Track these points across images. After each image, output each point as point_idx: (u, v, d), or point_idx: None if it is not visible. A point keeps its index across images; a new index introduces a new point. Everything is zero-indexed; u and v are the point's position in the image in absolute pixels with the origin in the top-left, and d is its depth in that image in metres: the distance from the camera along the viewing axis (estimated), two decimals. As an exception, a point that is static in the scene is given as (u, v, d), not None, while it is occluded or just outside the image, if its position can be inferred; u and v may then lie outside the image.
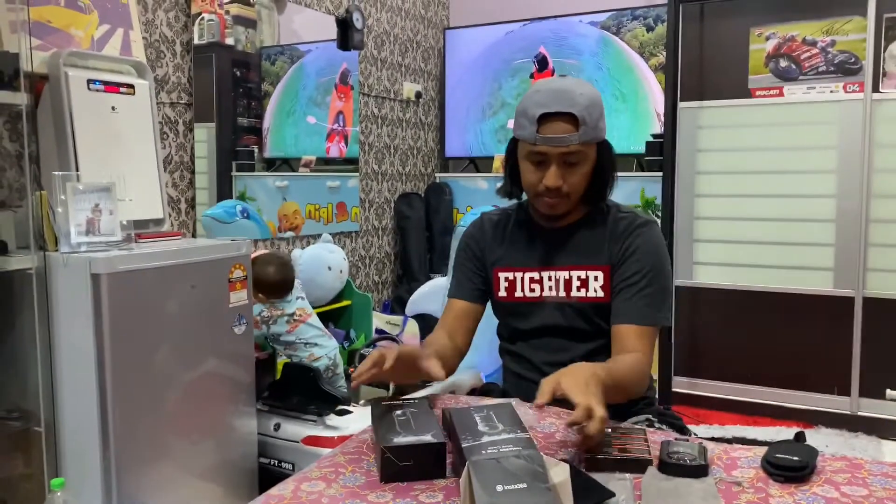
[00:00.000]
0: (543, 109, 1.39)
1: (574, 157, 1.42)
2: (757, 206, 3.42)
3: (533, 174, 1.45)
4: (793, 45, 3.34)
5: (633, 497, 0.99)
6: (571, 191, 1.45)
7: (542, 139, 1.40)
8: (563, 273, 1.51)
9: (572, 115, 1.39)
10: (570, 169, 1.43)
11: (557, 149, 1.40)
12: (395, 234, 4.12)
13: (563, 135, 1.39)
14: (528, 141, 1.43)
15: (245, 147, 3.05)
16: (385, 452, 1.06)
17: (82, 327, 1.84)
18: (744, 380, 3.45)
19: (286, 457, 2.35)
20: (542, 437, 1.22)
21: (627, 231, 1.49)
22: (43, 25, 2.11)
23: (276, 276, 2.59)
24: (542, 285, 1.53)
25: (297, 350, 2.61)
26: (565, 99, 1.39)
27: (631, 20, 3.81)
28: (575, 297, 1.49)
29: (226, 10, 2.87)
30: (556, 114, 1.39)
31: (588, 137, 1.41)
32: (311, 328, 2.65)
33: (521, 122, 1.45)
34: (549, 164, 1.42)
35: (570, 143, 1.39)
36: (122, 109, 2.19)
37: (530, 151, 1.44)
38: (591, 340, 1.51)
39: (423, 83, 4.34)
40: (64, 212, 1.90)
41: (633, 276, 1.46)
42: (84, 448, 1.88)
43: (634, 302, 1.44)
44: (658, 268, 1.47)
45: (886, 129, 3.15)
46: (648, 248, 1.47)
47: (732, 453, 1.15)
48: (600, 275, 1.48)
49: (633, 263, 1.46)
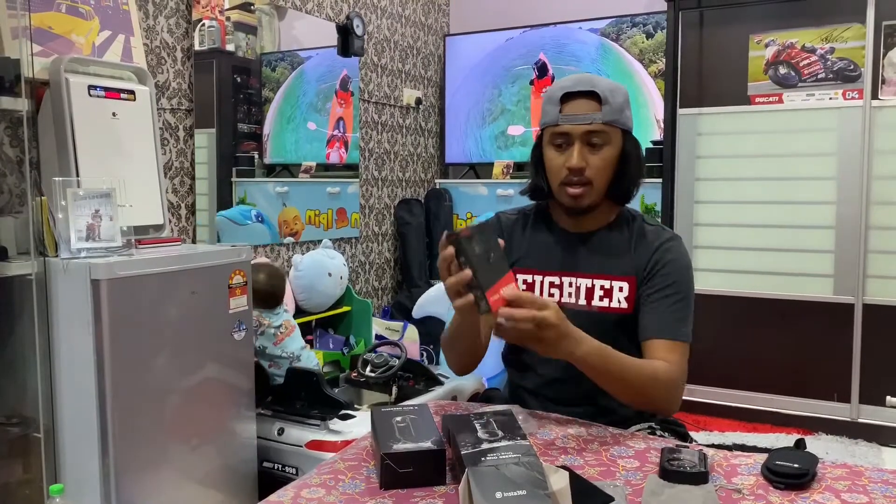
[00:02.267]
0: (566, 89, 1.40)
1: (597, 138, 1.40)
2: (756, 213, 3.43)
3: (556, 158, 1.43)
4: (792, 52, 3.35)
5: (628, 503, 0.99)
6: (594, 176, 1.42)
7: (565, 118, 1.40)
8: (585, 280, 1.47)
9: (595, 93, 1.39)
10: (594, 151, 1.41)
11: (580, 127, 1.39)
12: (395, 240, 4.12)
13: (586, 112, 1.39)
14: (551, 124, 1.42)
15: (245, 153, 3.06)
16: (385, 459, 1.06)
17: (82, 333, 1.84)
18: (744, 386, 3.44)
19: (290, 461, 2.35)
20: (541, 444, 1.22)
21: (656, 244, 1.46)
22: (44, 31, 2.11)
23: (265, 286, 2.59)
24: (561, 290, 1.48)
25: (280, 366, 2.61)
26: (588, 80, 1.41)
27: (630, 27, 3.82)
28: (596, 306, 1.45)
29: (226, 17, 2.88)
30: (579, 93, 1.40)
31: (611, 118, 1.40)
32: (294, 342, 2.66)
33: (545, 109, 1.44)
34: (573, 144, 1.41)
35: (592, 120, 1.39)
36: (122, 115, 2.20)
37: (553, 134, 1.43)
38: None
39: (424, 89, 4.35)
40: (64, 217, 1.90)
41: (663, 289, 1.42)
42: (83, 454, 1.88)
43: (665, 316, 1.40)
44: (686, 284, 1.44)
45: (886, 135, 3.15)
46: (678, 264, 1.44)
47: (732, 460, 1.15)
48: (625, 285, 1.44)
49: (662, 277, 1.43)
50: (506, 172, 4.12)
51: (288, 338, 2.64)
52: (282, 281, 2.72)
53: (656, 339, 1.39)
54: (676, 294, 1.41)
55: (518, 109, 4.15)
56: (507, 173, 4.12)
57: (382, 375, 2.73)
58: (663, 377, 1.33)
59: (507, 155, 4.17)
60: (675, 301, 1.41)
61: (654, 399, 1.35)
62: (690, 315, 1.43)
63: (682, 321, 1.41)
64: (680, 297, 1.42)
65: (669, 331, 1.39)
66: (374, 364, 2.78)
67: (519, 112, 4.14)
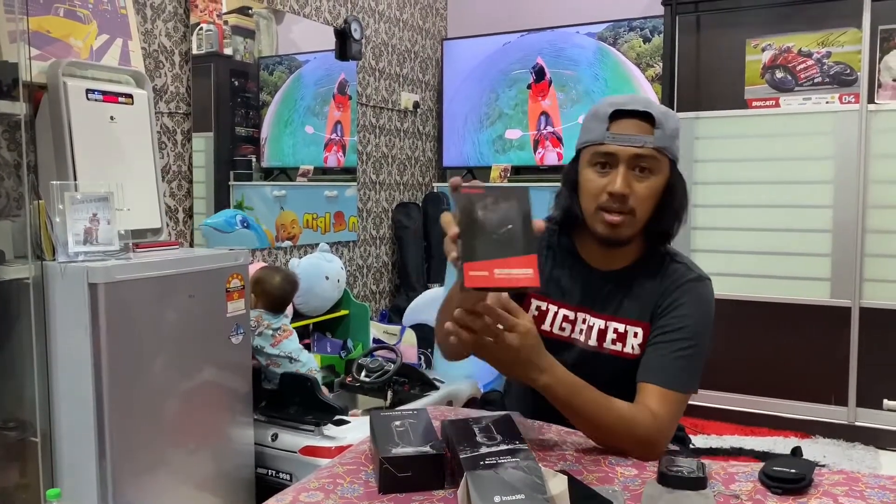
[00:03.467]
0: (617, 106, 1.28)
1: (645, 163, 1.27)
2: (753, 217, 3.43)
3: (596, 180, 1.29)
4: (789, 57, 3.36)
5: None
6: (637, 206, 1.28)
7: (613, 137, 1.27)
8: (598, 321, 1.36)
9: (649, 114, 1.27)
10: (640, 178, 1.28)
11: (629, 149, 1.26)
12: (393, 244, 4.12)
13: (636, 134, 1.27)
14: (595, 142, 1.29)
15: (243, 156, 3.06)
16: (384, 463, 1.06)
17: (79, 337, 1.84)
18: (741, 390, 3.45)
19: (284, 467, 2.34)
20: (540, 450, 1.22)
21: (677, 283, 1.33)
22: (42, 35, 2.11)
23: (278, 290, 2.61)
24: (573, 326, 1.38)
25: (279, 365, 2.60)
26: (642, 100, 1.30)
27: (628, 31, 3.82)
28: (608, 349, 1.35)
29: (224, 21, 2.88)
30: (631, 112, 1.27)
31: (663, 144, 1.28)
32: (292, 343, 2.66)
33: (589, 125, 1.31)
34: (617, 167, 1.27)
35: (643, 143, 1.26)
36: (120, 119, 2.20)
37: (596, 153, 1.29)
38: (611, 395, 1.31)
39: (421, 93, 4.35)
40: (62, 221, 1.90)
41: (673, 332, 1.29)
42: (80, 458, 1.87)
43: (669, 361, 1.27)
44: (702, 331, 1.30)
45: (882, 139, 3.16)
46: (697, 308, 1.31)
47: (730, 469, 1.15)
48: (640, 331, 1.33)
49: (676, 319, 1.30)
50: (503, 176, 4.13)
51: (286, 340, 2.64)
52: (294, 288, 2.73)
53: (649, 384, 1.25)
54: (686, 340, 1.28)
55: (515, 113, 4.15)
56: (505, 177, 4.12)
57: (377, 380, 2.73)
58: (640, 430, 1.18)
59: (505, 159, 4.18)
60: (682, 348, 1.28)
61: (625, 449, 1.20)
62: (697, 367, 1.29)
63: (684, 370, 1.27)
64: (689, 346, 1.28)
65: (666, 378, 1.25)
66: (368, 369, 2.78)
67: (516, 116, 4.15)
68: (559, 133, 4.03)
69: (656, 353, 1.29)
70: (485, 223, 0.95)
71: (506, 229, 0.95)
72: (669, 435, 1.23)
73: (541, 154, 4.08)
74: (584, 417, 1.19)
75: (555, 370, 1.15)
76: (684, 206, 1.35)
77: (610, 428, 1.19)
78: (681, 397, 1.25)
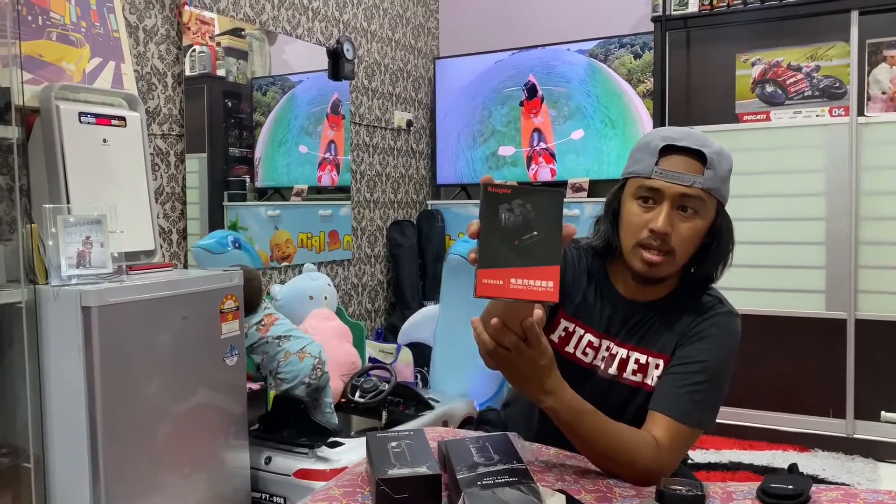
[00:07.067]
0: (670, 141, 1.24)
1: (692, 204, 1.23)
2: (747, 230, 3.44)
3: (638, 215, 1.25)
4: (778, 71, 3.38)
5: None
6: (679, 246, 1.25)
7: (661, 172, 1.22)
8: (622, 350, 1.34)
9: (702, 153, 1.23)
10: (684, 218, 1.24)
11: (677, 187, 1.22)
12: (388, 262, 4.12)
13: (685, 172, 1.22)
14: (642, 175, 1.25)
15: (237, 177, 3.06)
16: (380, 485, 1.05)
17: (72, 361, 1.83)
18: (739, 404, 3.44)
19: (278, 491, 2.32)
20: (538, 470, 1.21)
21: (706, 315, 1.31)
22: (35, 59, 2.12)
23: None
24: (597, 353, 1.35)
25: (275, 351, 2.47)
26: (697, 137, 1.25)
27: (618, 48, 3.85)
28: (628, 379, 1.33)
29: (217, 42, 2.90)
30: (684, 149, 1.24)
31: (712, 185, 1.23)
32: (280, 326, 2.53)
33: (637, 156, 1.28)
34: (661, 204, 1.23)
35: (692, 182, 1.21)
36: (113, 142, 2.20)
37: (641, 186, 1.25)
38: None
39: (414, 112, 4.37)
40: (54, 244, 1.89)
41: (692, 364, 1.26)
42: (74, 484, 1.85)
43: (683, 394, 1.24)
44: (722, 368, 1.28)
45: (872, 151, 3.18)
46: (721, 343, 1.29)
47: (728, 487, 1.15)
48: (661, 363, 1.31)
49: (697, 351, 1.27)
50: (497, 193, 4.13)
51: (273, 326, 2.51)
52: (254, 283, 2.52)
53: (658, 412, 1.23)
54: (703, 374, 1.25)
55: (508, 130, 4.17)
56: (499, 194, 4.12)
57: (372, 401, 2.70)
58: (641, 461, 1.16)
59: (499, 175, 4.19)
60: (698, 381, 1.25)
61: (624, 477, 1.17)
62: (713, 403, 1.26)
63: (699, 404, 1.24)
64: (706, 380, 1.25)
65: (676, 410, 1.22)
66: (363, 389, 2.75)
67: (509, 133, 4.17)
68: (552, 149, 4.05)
69: (671, 383, 1.26)
70: (507, 227, 0.87)
71: (529, 236, 0.87)
72: (672, 467, 1.20)
73: (534, 170, 4.10)
74: (586, 443, 1.17)
75: (561, 393, 1.12)
76: (730, 251, 1.34)
77: (611, 456, 1.17)
78: (689, 431, 1.23)
